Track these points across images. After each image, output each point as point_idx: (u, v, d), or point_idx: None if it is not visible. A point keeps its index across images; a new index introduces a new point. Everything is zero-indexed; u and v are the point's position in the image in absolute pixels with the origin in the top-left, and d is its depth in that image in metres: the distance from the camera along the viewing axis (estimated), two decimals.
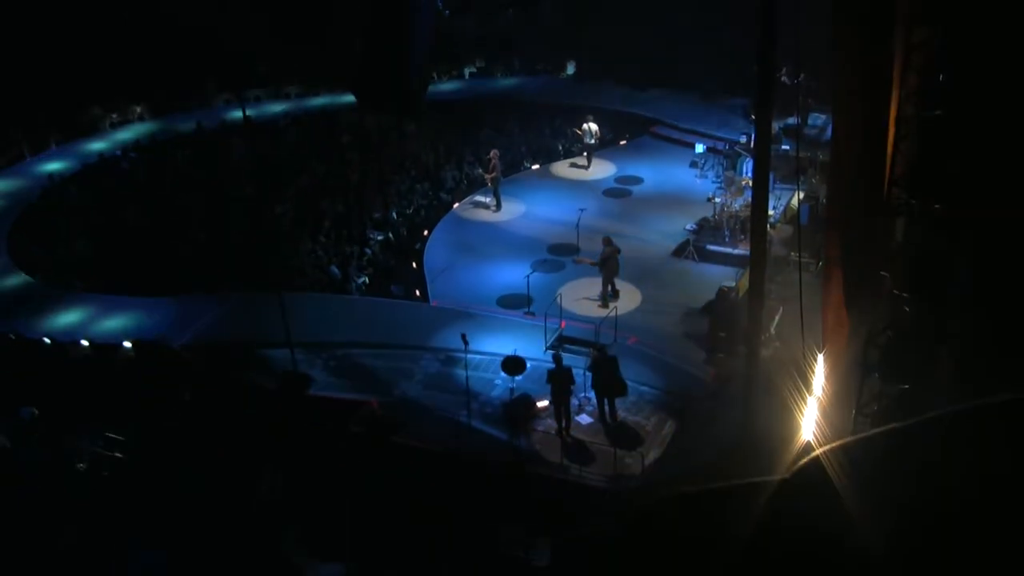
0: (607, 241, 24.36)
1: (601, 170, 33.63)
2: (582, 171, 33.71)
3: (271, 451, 17.81)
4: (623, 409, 20.14)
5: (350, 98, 38.08)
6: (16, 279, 26.81)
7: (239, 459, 17.62)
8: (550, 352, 21.47)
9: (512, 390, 20.36)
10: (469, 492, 17.32)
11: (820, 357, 16.44)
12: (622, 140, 35.59)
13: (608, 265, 24.21)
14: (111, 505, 16.24)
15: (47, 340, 22.95)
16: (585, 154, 33.88)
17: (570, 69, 43.36)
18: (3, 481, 17.49)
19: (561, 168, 34.26)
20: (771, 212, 23.95)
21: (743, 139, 31.10)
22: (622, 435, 19.45)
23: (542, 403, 20.22)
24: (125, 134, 37.31)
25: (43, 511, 16.18)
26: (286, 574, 15.39)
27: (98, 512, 16.05)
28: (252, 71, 40.20)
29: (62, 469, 17.72)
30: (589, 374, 20.02)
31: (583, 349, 22.02)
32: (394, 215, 29.73)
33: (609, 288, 24.46)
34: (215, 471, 17.18)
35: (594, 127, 33.46)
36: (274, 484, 17.04)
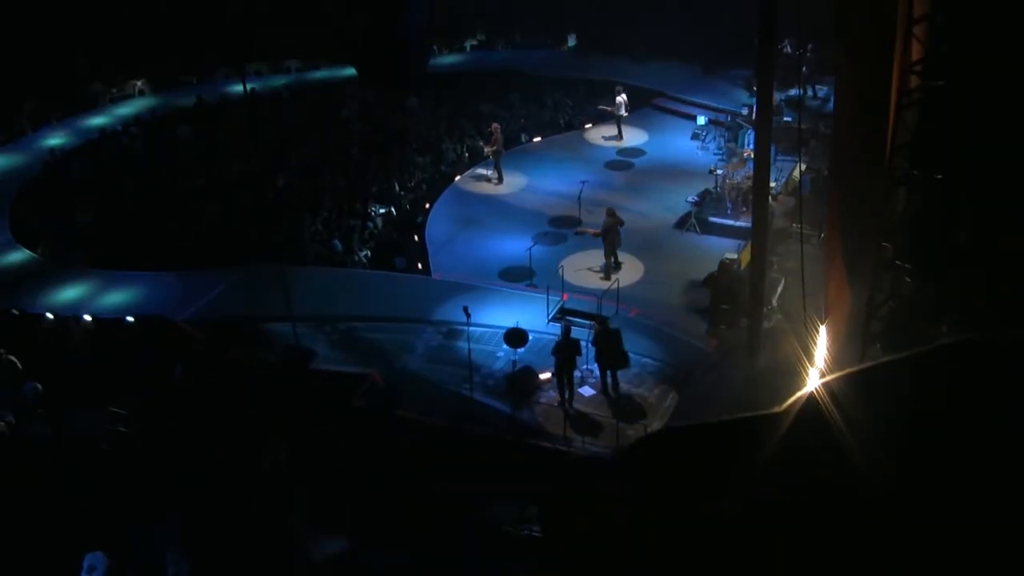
0: (610, 212, 24.31)
1: (602, 142, 33.59)
2: (585, 143, 33.70)
3: (272, 427, 17.84)
4: (625, 381, 20.17)
5: (351, 71, 38.38)
6: (18, 254, 26.82)
7: (241, 434, 17.67)
8: (553, 324, 21.50)
9: (514, 362, 20.41)
10: (469, 466, 17.39)
11: (822, 328, 16.49)
12: (615, 113, 35.47)
13: (610, 236, 24.20)
14: (116, 479, 16.32)
15: (49, 315, 22.99)
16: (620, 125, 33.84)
17: (571, 41, 43.21)
18: (8, 456, 17.58)
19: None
20: (773, 184, 23.93)
21: (745, 111, 31.05)
22: (624, 407, 19.50)
23: (544, 375, 20.27)
24: (125, 109, 37.23)
25: (48, 486, 16.27)
26: (290, 548, 15.49)
27: (103, 486, 16.13)
28: (253, 45, 40.07)
29: (66, 444, 17.79)
30: (592, 346, 20.05)
31: (585, 321, 22.03)
32: (396, 188, 29.70)
33: (612, 260, 24.46)
34: (217, 447, 17.25)
35: (624, 97, 33.33)
36: (276, 459, 17.10)
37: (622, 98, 33.10)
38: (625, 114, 33.34)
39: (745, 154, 27.74)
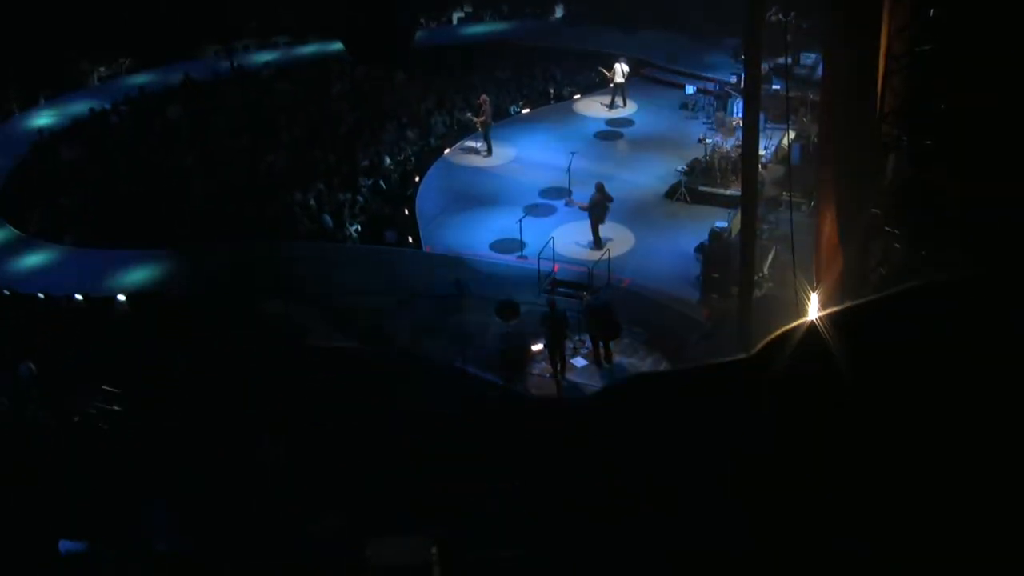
0: (599, 188, 24.30)
1: (592, 112, 33.52)
2: (574, 114, 33.64)
3: (270, 414, 17.80)
4: (618, 351, 20.24)
5: (340, 46, 38.17)
6: (6, 233, 26.73)
7: (238, 420, 17.63)
8: (544, 296, 21.53)
9: (506, 334, 20.43)
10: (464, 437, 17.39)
11: (814, 296, 16.52)
12: (611, 82, 35.40)
13: (596, 212, 24.21)
14: (112, 459, 16.32)
15: (41, 296, 22.95)
16: (616, 95, 33.72)
17: (558, 11, 42.99)
18: (4, 439, 17.56)
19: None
20: (762, 152, 23.93)
21: (733, 79, 30.96)
22: (617, 377, 19.56)
23: (537, 347, 20.31)
24: (113, 87, 36.98)
25: (45, 468, 16.27)
26: (289, 531, 15.52)
27: (100, 466, 16.13)
28: (241, 21, 39.79)
29: (62, 425, 17.77)
30: (584, 317, 20.10)
31: (577, 292, 22.08)
32: (386, 160, 29.63)
33: (598, 232, 24.45)
34: (215, 430, 17.23)
35: (625, 67, 33.26)
36: (275, 446, 17.08)
37: (618, 67, 32.95)
38: (622, 80, 33.19)
39: (734, 123, 27.70)
